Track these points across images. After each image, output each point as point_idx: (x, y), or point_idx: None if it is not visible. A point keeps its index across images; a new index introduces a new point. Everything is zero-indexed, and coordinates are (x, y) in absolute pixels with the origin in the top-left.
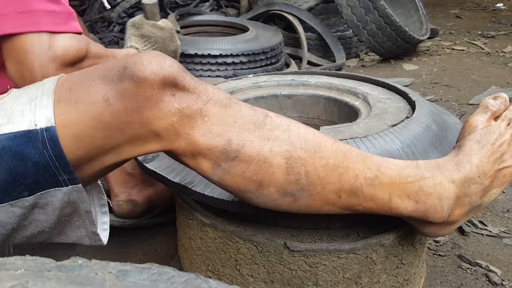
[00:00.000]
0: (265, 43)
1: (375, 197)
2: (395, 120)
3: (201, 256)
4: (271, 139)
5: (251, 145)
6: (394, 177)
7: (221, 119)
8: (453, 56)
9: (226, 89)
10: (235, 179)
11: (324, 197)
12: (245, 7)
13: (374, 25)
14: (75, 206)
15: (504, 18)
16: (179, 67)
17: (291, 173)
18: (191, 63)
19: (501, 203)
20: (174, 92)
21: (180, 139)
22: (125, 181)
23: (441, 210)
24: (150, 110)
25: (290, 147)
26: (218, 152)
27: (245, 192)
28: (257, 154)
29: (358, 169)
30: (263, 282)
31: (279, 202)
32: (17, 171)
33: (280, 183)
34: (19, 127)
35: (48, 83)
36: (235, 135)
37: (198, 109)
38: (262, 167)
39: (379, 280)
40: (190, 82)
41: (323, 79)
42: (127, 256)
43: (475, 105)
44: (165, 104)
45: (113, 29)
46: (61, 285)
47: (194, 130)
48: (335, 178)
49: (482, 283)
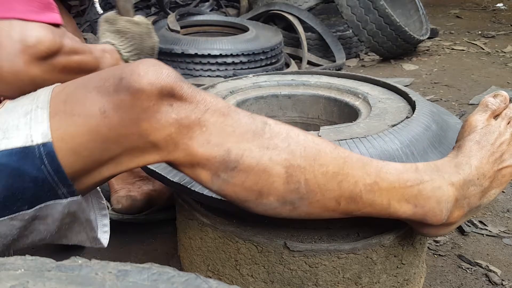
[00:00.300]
0: (265, 43)
1: (374, 203)
2: (395, 120)
3: (201, 256)
4: (270, 147)
5: (250, 154)
6: (393, 182)
7: (220, 128)
8: (453, 56)
9: (226, 89)
10: (234, 189)
11: (323, 204)
12: (245, 7)
13: (374, 25)
14: (75, 216)
15: (504, 18)
16: (176, 76)
17: (291, 182)
18: (191, 63)
19: (501, 203)
20: (172, 102)
21: (179, 150)
22: (124, 177)
23: (439, 213)
24: (148, 122)
25: (290, 155)
26: (217, 163)
27: (245, 202)
28: (256, 164)
29: (358, 175)
30: (263, 282)
31: (279, 210)
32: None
33: (280, 192)
34: (15, 143)
35: (43, 95)
36: (234, 145)
37: (196, 119)
38: (262, 177)
39: (379, 280)
40: (188, 92)
41: (323, 79)
42: (127, 256)
43: (475, 105)
44: (162, 115)
45: None
46: (61, 285)
47: (192, 141)
48: (334, 185)
49: (482, 283)
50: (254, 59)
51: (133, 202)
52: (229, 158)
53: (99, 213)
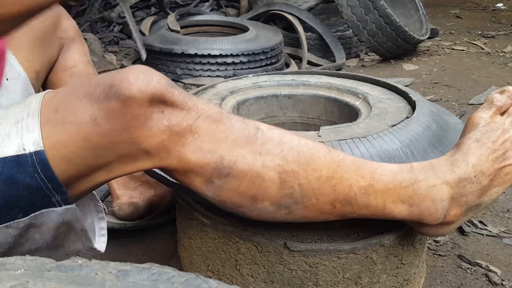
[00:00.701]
0: (265, 43)
1: (370, 205)
2: (395, 120)
3: (201, 256)
4: (263, 153)
5: (244, 160)
6: (388, 184)
7: (212, 135)
8: (453, 56)
9: (226, 89)
10: (228, 195)
11: (318, 208)
12: (245, 7)
13: (374, 25)
14: (70, 225)
15: (504, 18)
16: (166, 83)
17: (285, 187)
18: (191, 63)
19: (501, 203)
20: (163, 109)
21: (171, 157)
22: (126, 182)
23: (435, 212)
24: (139, 129)
25: (283, 161)
26: (210, 170)
27: (240, 207)
28: (249, 170)
29: (352, 178)
30: (263, 282)
31: (274, 215)
32: (9, 195)
33: (274, 197)
34: (7, 152)
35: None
36: (226, 151)
37: (188, 125)
38: (255, 183)
39: (379, 280)
40: (179, 98)
41: (323, 79)
42: (127, 256)
43: (475, 105)
44: (154, 122)
45: (113, 29)
46: (61, 285)
47: (184, 148)
48: (329, 189)
49: (482, 283)
50: (254, 59)
51: (135, 209)
52: (222, 164)
53: (96, 216)
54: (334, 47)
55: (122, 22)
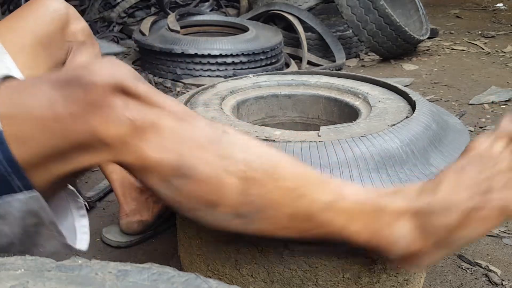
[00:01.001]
0: (265, 43)
1: (330, 223)
2: (395, 120)
3: (201, 256)
4: (226, 157)
5: (204, 163)
6: (351, 204)
7: (175, 133)
8: (453, 56)
9: (226, 89)
10: (185, 197)
11: (278, 220)
12: (245, 7)
13: (374, 25)
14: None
15: (504, 18)
16: (133, 75)
17: (245, 194)
18: (191, 63)
19: None
20: (126, 100)
21: (129, 152)
22: (134, 197)
23: (394, 241)
24: (97, 117)
25: (246, 167)
26: (168, 169)
27: (196, 211)
28: (210, 173)
29: (315, 193)
30: (263, 282)
31: (231, 223)
32: None
33: (233, 204)
34: None
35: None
36: (187, 151)
37: (150, 121)
38: (215, 187)
39: (379, 280)
40: (144, 92)
41: (323, 79)
42: (127, 256)
43: (475, 105)
44: (113, 112)
45: (113, 29)
46: (61, 285)
47: (144, 143)
48: (290, 201)
49: (482, 283)
50: (254, 59)
51: (145, 227)
52: (182, 165)
53: (77, 213)
54: (334, 47)
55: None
